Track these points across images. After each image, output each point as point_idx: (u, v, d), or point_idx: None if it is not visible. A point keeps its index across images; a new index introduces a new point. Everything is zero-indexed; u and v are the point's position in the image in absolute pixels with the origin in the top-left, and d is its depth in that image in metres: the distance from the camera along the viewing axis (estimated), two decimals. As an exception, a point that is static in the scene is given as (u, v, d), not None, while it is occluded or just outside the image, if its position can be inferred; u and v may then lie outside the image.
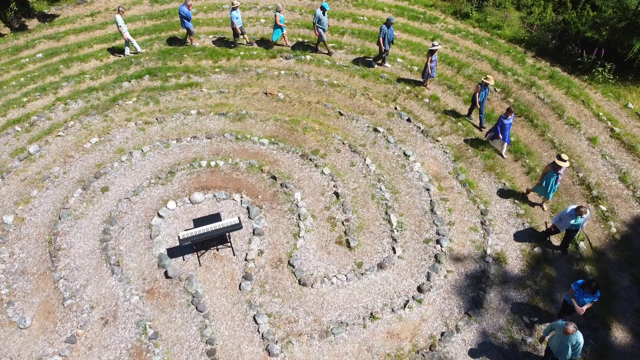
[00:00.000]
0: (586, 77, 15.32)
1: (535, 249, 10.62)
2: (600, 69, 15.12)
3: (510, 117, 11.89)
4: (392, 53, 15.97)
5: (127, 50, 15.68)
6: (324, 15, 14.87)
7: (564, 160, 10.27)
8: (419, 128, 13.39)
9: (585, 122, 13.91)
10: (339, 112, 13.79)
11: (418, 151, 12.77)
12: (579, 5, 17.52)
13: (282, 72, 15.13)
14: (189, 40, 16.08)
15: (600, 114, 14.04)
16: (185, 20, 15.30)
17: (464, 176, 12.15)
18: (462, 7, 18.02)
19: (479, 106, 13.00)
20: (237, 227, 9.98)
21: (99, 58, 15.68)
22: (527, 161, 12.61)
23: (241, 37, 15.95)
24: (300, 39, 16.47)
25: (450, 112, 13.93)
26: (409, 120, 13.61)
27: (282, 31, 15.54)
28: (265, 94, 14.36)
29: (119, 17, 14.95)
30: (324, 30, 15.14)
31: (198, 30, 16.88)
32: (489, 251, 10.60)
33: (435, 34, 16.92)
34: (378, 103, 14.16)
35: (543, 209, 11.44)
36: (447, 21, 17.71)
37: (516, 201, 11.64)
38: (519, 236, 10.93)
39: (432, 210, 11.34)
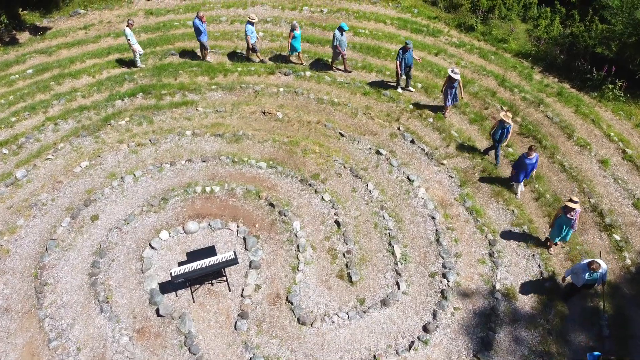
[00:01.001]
0: (596, 94, 14.79)
1: (547, 284, 10.09)
2: (610, 85, 14.59)
3: (533, 156, 10.97)
4: (394, 68, 15.39)
5: (138, 60, 15.24)
6: (342, 35, 14.26)
7: (575, 202, 9.59)
8: (423, 150, 12.86)
9: (596, 142, 13.38)
10: (340, 133, 13.25)
11: (422, 175, 12.23)
12: (586, 18, 16.97)
13: (281, 89, 14.60)
14: (202, 55, 15.56)
15: (611, 134, 13.51)
16: (197, 33, 14.77)
17: (470, 203, 11.62)
18: (467, 19, 17.48)
19: (495, 143, 12.23)
20: (233, 262, 9.45)
21: (91, 74, 15.14)
22: (537, 186, 12.07)
23: (253, 53, 15.47)
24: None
25: (456, 131, 13.40)
26: (412, 141, 13.07)
27: (297, 50, 15.02)
28: (264, 113, 13.83)
29: (128, 30, 14.47)
30: (343, 49, 14.58)
31: (194, 44, 16.33)
32: (498, 286, 10.06)
33: (439, 48, 16.38)
34: (380, 123, 13.62)
35: (549, 252, 10.71)
36: (451, 34, 17.17)
37: (526, 230, 11.10)
38: (529, 269, 10.40)
39: (437, 240, 10.80)
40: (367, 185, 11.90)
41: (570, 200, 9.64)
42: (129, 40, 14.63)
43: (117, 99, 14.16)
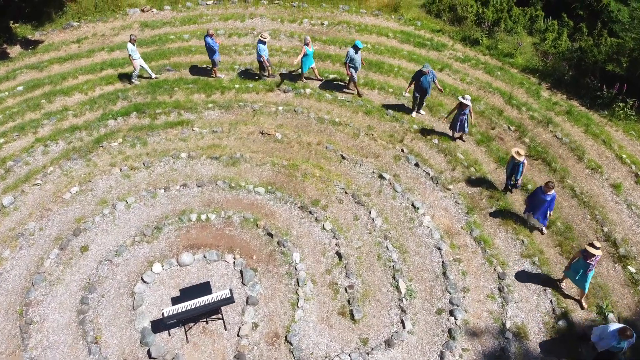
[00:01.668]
0: (606, 112, 14.28)
1: (560, 322, 9.57)
2: (621, 104, 14.08)
3: (550, 193, 10.26)
4: (398, 85, 14.91)
5: (135, 77, 14.79)
6: (356, 53, 13.60)
7: (597, 248, 8.88)
8: (428, 174, 12.34)
9: (608, 165, 12.86)
10: (341, 155, 12.74)
11: (428, 202, 11.71)
12: (595, 31, 16.45)
13: (280, 107, 14.08)
14: (213, 73, 15.07)
15: (623, 156, 12.99)
16: (211, 52, 14.25)
17: (478, 232, 11.10)
18: (472, 32, 16.97)
19: (512, 179, 11.65)
20: (229, 301, 8.95)
21: (83, 91, 14.62)
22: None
23: (262, 71, 14.99)
24: (300, 70, 15.39)
25: (462, 154, 12.89)
26: (417, 164, 12.56)
27: (310, 65, 14.45)
28: (262, 133, 13.31)
29: (130, 46, 14.03)
30: (356, 70, 13.91)
31: (190, 59, 15.83)
32: (508, 324, 9.54)
33: (443, 63, 15.86)
34: (383, 144, 13.11)
35: (582, 307, 9.84)
36: (456, 48, 16.65)
37: (536, 262, 10.58)
38: (541, 305, 9.88)
39: (444, 274, 10.28)
40: (370, 212, 11.39)
41: (592, 245, 8.95)
42: (130, 55, 14.13)
43: (110, 118, 13.64)
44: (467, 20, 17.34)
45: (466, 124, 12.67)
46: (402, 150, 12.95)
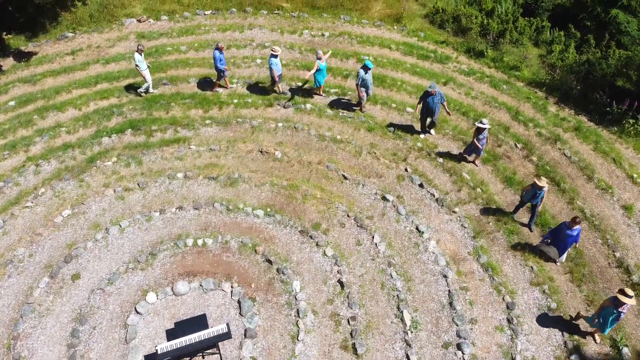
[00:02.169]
0: (615, 129, 13.86)
1: (572, 357, 9.14)
2: (631, 120, 13.66)
3: (575, 228, 9.73)
4: (401, 100, 14.49)
5: (149, 88, 14.46)
6: (366, 74, 12.95)
7: (630, 297, 8.27)
8: (433, 195, 11.92)
9: (618, 185, 12.44)
10: (343, 175, 12.31)
11: (433, 225, 11.29)
12: (602, 42, 16.02)
13: (280, 124, 13.66)
14: (220, 85, 14.68)
15: (634, 175, 12.58)
16: (219, 63, 13.81)
17: (485, 258, 10.68)
18: (476, 44, 16.54)
19: (529, 207, 11.11)
20: (226, 336, 8.51)
21: (77, 106, 14.18)
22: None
23: (277, 86, 14.49)
24: (299, 83, 14.98)
25: (468, 173, 12.46)
26: (421, 185, 12.13)
27: (320, 84, 13.96)
28: (261, 152, 12.89)
29: (137, 56, 13.60)
30: (366, 89, 13.31)
31: (187, 72, 15.41)
32: (518, 359, 9.12)
33: (447, 77, 15.43)
34: (386, 163, 12.68)
35: (595, 341, 9.45)
36: (460, 60, 16.23)
37: (546, 290, 10.16)
38: (552, 338, 9.46)
39: (451, 304, 9.86)
40: (373, 237, 10.96)
41: (623, 293, 8.35)
42: (137, 66, 13.75)
43: (104, 135, 13.21)
44: (472, 32, 16.91)
45: (482, 148, 12.09)
46: (406, 170, 12.52)
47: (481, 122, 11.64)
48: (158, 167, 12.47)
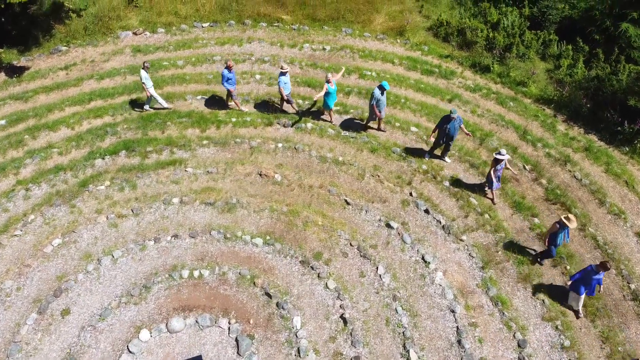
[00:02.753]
0: (627, 149, 13.40)
1: (588, 401, 8.69)
2: (643, 140, 13.21)
3: (602, 273, 9.22)
4: (405, 119, 14.00)
5: (147, 106, 14.02)
6: (382, 95, 12.52)
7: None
8: (439, 222, 11.44)
9: (631, 210, 11.98)
10: (346, 201, 11.84)
11: (439, 255, 10.82)
12: (612, 57, 15.54)
13: (280, 144, 13.17)
14: (236, 105, 14.10)
15: (648, 199, 12.12)
16: (226, 83, 13.33)
17: (495, 290, 10.21)
18: (482, 58, 16.05)
19: (547, 247, 10.37)
20: (222, 382, 8.06)
21: (70, 125, 13.70)
22: (568, 267, 10.68)
23: (288, 104, 13.98)
24: (300, 101, 14.50)
25: (475, 198, 11.99)
26: (427, 211, 11.66)
27: (329, 107, 13.33)
28: (260, 175, 12.41)
29: (143, 73, 13.17)
30: (380, 110, 12.83)
31: (184, 88, 14.91)
32: (531, 403, 8.66)
33: (452, 93, 14.95)
34: (391, 187, 12.21)
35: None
36: (465, 75, 15.74)
37: (559, 326, 9.70)
38: (566, 380, 9.00)
39: (459, 342, 9.39)
40: (377, 268, 10.49)
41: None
42: (144, 83, 13.32)
43: (97, 157, 12.73)
44: (477, 45, 16.43)
45: (498, 182, 11.51)
46: (411, 194, 12.05)
47: (499, 153, 11.01)
48: (153, 191, 11.99)
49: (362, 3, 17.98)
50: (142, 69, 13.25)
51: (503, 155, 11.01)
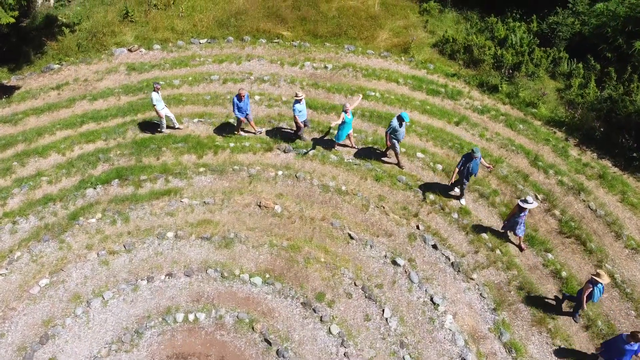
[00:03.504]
0: (643, 176, 12.82)
1: None
2: (661, 167, 12.62)
3: (634, 344, 8.34)
4: (410, 144, 13.40)
5: (164, 128, 13.49)
6: (401, 126, 11.73)
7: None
8: (448, 259, 10.86)
9: (650, 243, 11.39)
10: (349, 235, 11.25)
11: (449, 295, 10.23)
12: (624, 76, 14.95)
13: (280, 172, 12.59)
14: (241, 133, 13.54)
15: (667, 232, 11.53)
16: (236, 110, 12.70)
17: (508, 335, 9.62)
18: (490, 77, 15.45)
19: (584, 306, 9.51)
20: None
21: (61, 151, 13.11)
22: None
23: (303, 129, 13.33)
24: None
25: (485, 229, 11.40)
26: (435, 246, 11.07)
27: (348, 132, 12.63)
28: (259, 206, 11.82)
29: (154, 95, 12.67)
30: (398, 141, 12.09)
31: (180, 110, 14.32)
32: None
33: (459, 115, 14.37)
34: (396, 219, 11.62)
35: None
36: (473, 95, 15.15)
37: (577, 376, 9.11)
38: None
39: (471, 395, 8.81)
40: (383, 311, 9.91)
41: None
42: (154, 105, 12.80)
43: (88, 186, 12.15)
44: (484, 64, 15.83)
45: (522, 228, 10.64)
46: (418, 227, 11.46)
47: (525, 201, 10.02)
48: (146, 224, 11.40)
49: (365, 18, 17.41)
50: (153, 90, 12.72)
51: (530, 203, 10.00)
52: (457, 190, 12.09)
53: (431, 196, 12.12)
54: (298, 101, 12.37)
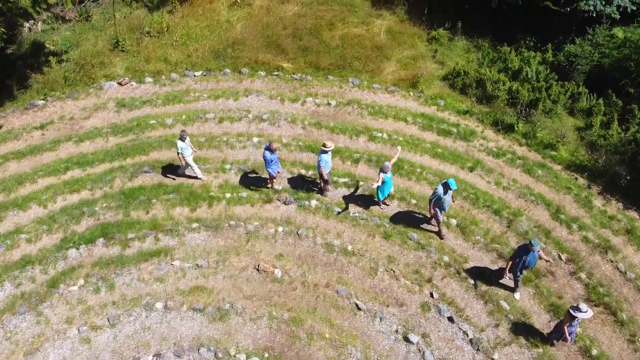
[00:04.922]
0: (675, 230, 11.80)
1: None
2: (693, 221, 11.59)
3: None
4: (421, 194, 12.37)
5: (185, 170, 12.61)
6: (445, 194, 10.55)
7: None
8: (466, 334, 9.83)
9: (686, 312, 10.37)
10: (356, 305, 10.23)
11: (468, 380, 9.21)
12: (649, 111, 13.94)
13: (280, 228, 11.56)
14: (270, 185, 12.39)
15: None
16: (269, 168, 11.70)
17: None
18: (504, 116, 14.42)
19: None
20: None
21: (42, 203, 12.08)
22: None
23: (330, 185, 12.26)
24: (303, 170, 12.87)
25: (506, 300, 10.38)
26: (451, 319, 10.05)
27: (389, 190, 11.58)
28: (258, 269, 10.80)
29: (180, 143, 11.73)
30: (441, 210, 10.89)
31: (173, 154, 13.20)
32: None
33: (473, 159, 13.35)
34: (408, 285, 10.60)
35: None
36: (487, 136, 14.13)
37: None
38: None
39: None
40: (396, 401, 8.88)
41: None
42: (179, 154, 11.85)
43: (71, 246, 11.12)
44: (499, 100, 14.80)
45: (572, 336, 9.33)
46: (432, 295, 10.44)
47: (578, 310, 8.76)
48: (133, 292, 10.37)
49: (370, 48, 16.38)
50: (179, 139, 11.74)
51: (584, 312, 8.73)
52: (517, 297, 10.51)
53: (445, 258, 11.09)
54: (325, 152, 11.23)
